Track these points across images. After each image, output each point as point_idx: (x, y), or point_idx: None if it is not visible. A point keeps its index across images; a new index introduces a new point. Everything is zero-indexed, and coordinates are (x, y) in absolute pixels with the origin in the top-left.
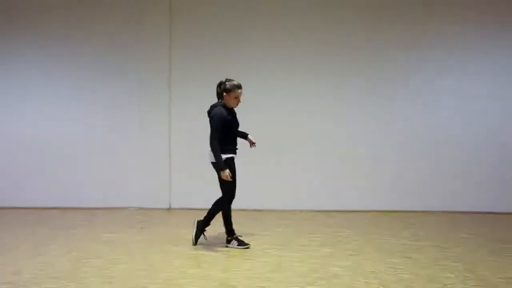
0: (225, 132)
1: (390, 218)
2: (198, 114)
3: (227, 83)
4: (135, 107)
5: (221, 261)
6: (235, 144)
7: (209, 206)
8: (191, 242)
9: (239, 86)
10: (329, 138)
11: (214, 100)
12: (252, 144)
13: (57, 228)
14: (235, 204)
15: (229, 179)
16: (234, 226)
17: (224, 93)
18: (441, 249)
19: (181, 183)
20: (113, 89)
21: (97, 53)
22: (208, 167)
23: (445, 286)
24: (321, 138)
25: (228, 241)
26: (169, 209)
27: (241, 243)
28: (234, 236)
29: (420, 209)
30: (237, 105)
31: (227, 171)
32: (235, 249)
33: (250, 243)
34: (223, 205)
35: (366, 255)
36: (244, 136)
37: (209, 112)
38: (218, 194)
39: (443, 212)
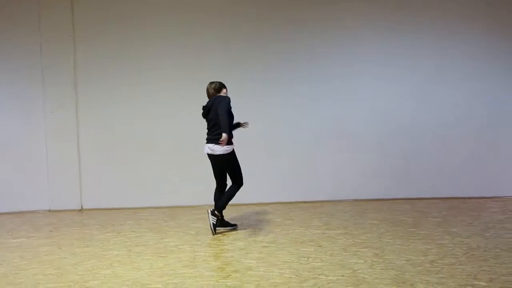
0: (230, 121)
1: (301, 209)
2: (107, 109)
3: (220, 82)
4: (39, 107)
5: (134, 260)
6: None
7: (123, 204)
8: (102, 243)
9: None
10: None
11: (122, 97)
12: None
13: None
14: (143, 203)
15: (225, 142)
16: (151, 223)
17: (224, 90)
18: (351, 236)
19: (93, 183)
20: (16, 90)
21: None
22: (119, 165)
23: (355, 271)
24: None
25: (213, 214)
26: (81, 210)
27: (215, 226)
28: (218, 216)
29: (330, 198)
30: None
31: (227, 136)
32: (149, 247)
33: (164, 240)
34: (236, 191)
35: (279, 245)
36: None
37: (211, 103)
38: (133, 191)
39: (351, 200)
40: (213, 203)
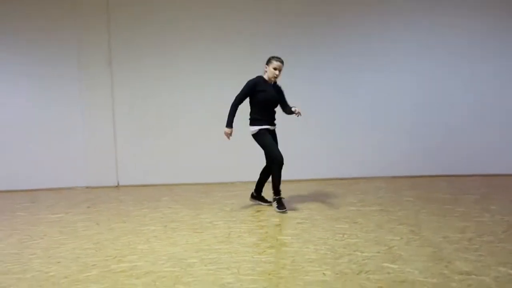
0: (256, 103)
1: (336, 186)
2: (142, 86)
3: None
4: (75, 84)
5: (170, 235)
6: (269, 117)
7: (158, 180)
8: (139, 218)
9: (277, 58)
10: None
11: (157, 76)
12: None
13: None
14: (180, 179)
15: (227, 136)
16: (186, 199)
17: (266, 65)
18: (386, 213)
19: (129, 160)
20: (53, 70)
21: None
22: (154, 141)
23: (391, 248)
24: None
25: (253, 197)
26: (117, 186)
27: (278, 201)
28: (258, 197)
29: (364, 175)
30: (273, 77)
31: (226, 129)
32: (185, 223)
33: (199, 216)
34: (274, 170)
35: (314, 222)
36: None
37: None
38: (169, 168)
39: (385, 177)
40: (252, 179)
